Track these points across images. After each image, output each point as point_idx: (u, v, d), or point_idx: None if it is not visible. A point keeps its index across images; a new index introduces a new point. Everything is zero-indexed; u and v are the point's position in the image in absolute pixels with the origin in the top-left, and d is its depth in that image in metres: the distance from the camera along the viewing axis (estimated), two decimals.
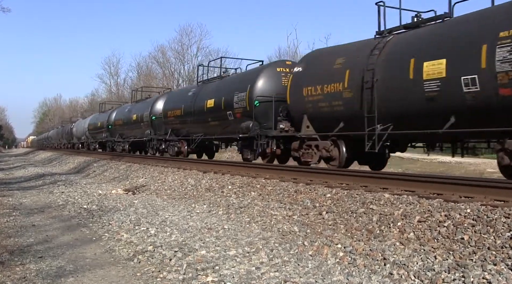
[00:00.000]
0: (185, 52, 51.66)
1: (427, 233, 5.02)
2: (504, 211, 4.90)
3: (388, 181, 7.51)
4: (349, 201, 6.68)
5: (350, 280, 4.31)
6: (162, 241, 6.05)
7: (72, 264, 5.23)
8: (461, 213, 5.14)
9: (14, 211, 9.09)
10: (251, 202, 8.13)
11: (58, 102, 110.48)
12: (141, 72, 59.02)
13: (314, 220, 6.49)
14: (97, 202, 10.10)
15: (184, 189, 10.86)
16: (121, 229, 7.01)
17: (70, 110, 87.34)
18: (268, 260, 5.03)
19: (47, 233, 7.04)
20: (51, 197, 11.41)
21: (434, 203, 5.67)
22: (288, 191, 8.03)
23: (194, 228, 6.81)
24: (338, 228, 5.97)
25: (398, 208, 5.83)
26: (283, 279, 4.38)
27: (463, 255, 4.39)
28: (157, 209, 8.75)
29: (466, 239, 4.64)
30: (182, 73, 50.91)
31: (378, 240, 5.25)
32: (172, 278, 4.53)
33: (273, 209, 7.36)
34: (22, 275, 4.74)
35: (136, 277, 4.69)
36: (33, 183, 15.78)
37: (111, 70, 69.78)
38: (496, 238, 4.47)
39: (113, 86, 68.79)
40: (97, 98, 72.09)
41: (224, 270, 4.67)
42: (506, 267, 3.99)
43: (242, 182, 9.66)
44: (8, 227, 7.43)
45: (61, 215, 8.72)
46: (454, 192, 6.19)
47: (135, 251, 5.65)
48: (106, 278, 4.70)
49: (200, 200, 9.39)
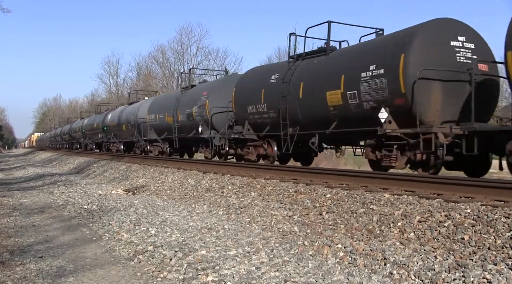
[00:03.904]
0: (185, 52, 51.66)
1: (427, 233, 5.03)
2: (504, 211, 4.90)
3: (388, 181, 7.52)
4: (349, 201, 6.68)
5: (350, 280, 4.32)
6: (162, 241, 6.06)
7: (72, 264, 5.23)
8: (461, 213, 5.14)
9: (14, 211, 9.09)
10: (251, 202, 8.13)
11: (58, 102, 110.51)
12: (141, 72, 58.98)
13: (314, 220, 6.50)
14: (97, 202, 10.10)
15: (184, 189, 10.87)
16: (121, 229, 7.01)
17: (70, 111, 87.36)
18: (268, 260, 5.04)
19: (47, 233, 7.05)
20: (51, 197, 11.42)
21: (434, 203, 5.67)
22: (288, 191, 8.03)
23: (194, 228, 6.81)
24: (338, 228, 5.97)
25: (398, 208, 5.84)
26: (284, 279, 4.39)
27: (464, 255, 4.39)
28: (157, 209, 8.75)
29: (466, 239, 4.64)
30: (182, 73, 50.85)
31: (378, 240, 5.25)
32: (173, 278, 4.54)
33: (273, 209, 7.37)
34: (23, 275, 4.74)
35: (136, 277, 4.69)
36: (33, 183, 15.78)
37: (110, 70, 69.72)
38: (496, 238, 4.48)
39: (113, 86, 68.75)
40: (97, 98, 72.12)
41: (225, 270, 4.67)
42: (506, 267, 3.99)
43: (242, 182, 9.67)
44: (9, 227, 7.43)
45: (61, 215, 8.72)
46: (454, 192, 6.19)
47: (135, 251, 5.66)
48: (106, 278, 4.71)
49: (200, 200, 9.39)
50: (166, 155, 20.19)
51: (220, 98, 15.36)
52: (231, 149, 14.88)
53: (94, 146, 33.88)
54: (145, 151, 22.37)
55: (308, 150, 12.24)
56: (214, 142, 15.01)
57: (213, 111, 15.48)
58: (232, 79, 16.33)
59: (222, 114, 15.16)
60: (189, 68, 18.21)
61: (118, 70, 77.76)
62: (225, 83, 16.18)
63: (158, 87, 47.47)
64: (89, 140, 35.28)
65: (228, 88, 15.02)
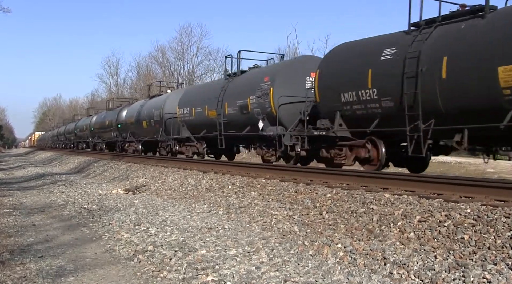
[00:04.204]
0: (185, 52, 51.67)
1: (427, 233, 5.02)
2: (504, 211, 4.90)
3: (388, 181, 7.51)
4: (349, 201, 6.68)
5: (350, 280, 4.31)
6: (162, 240, 6.06)
7: (72, 263, 5.23)
8: (461, 213, 5.14)
9: (15, 211, 9.10)
10: (252, 202, 8.13)
11: (58, 102, 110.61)
12: (141, 72, 59.03)
13: (315, 219, 6.49)
14: (97, 201, 10.10)
15: (185, 189, 10.86)
16: (122, 228, 7.01)
17: (70, 110, 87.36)
18: (268, 259, 5.04)
19: (47, 232, 7.05)
20: (51, 197, 11.42)
21: (434, 203, 5.67)
22: (289, 191, 8.03)
23: (194, 228, 6.81)
24: (338, 227, 5.97)
25: (398, 208, 5.84)
26: (283, 278, 4.39)
27: (463, 255, 4.39)
28: (157, 209, 8.75)
29: (466, 238, 4.64)
30: (182, 73, 50.91)
31: (378, 240, 5.25)
32: (172, 277, 4.54)
33: (274, 209, 7.37)
34: (23, 275, 4.74)
35: (136, 276, 4.69)
36: (34, 183, 15.78)
37: (111, 70, 69.76)
38: (496, 238, 4.48)
39: (113, 86, 68.79)
40: (97, 98, 72.14)
41: (224, 270, 4.67)
42: (506, 267, 3.99)
43: (242, 182, 9.66)
44: (9, 226, 7.44)
45: (61, 215, 8.72)
46: (454, 192, 6.19)
47: (135, 250, 5.66)
48: (106, 278, 4.71)
49: (200, 200, 9.39)
50: (202, 156, 17.06)
51: (288, 85, 12.16)
52: (303, 150, 11.57)
53: (105, 146, 30.00)
54: (173, 152, 18.65)
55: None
56: (284, 141, 11.74)
57: (281, 101, 11.97)
58: (303, 61, 13.22)
59: (289, 106, 12.00)
60: (238, 51, 15.37)
61: (118, 70, 77.94)
62: (293, 67, 12.85)
63: (158, 87, 47.39)
64: (98, 140, 31.14)
65: (298, 74, 12.31)
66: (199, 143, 16.97)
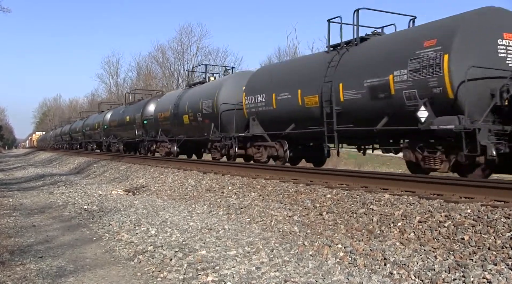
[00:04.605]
0: (185, 52, 51.72)
1: (427, 233, 5.03)
2: (504, 211, 4.90)
3: (388, 181, 7.52)
4: (349, 201, 6.68)
5: (350, 280, 4.32)
6: (162, 241, 6.06)
7: (73, 264, 5.24)
8: (461, 213, 5.15)
9: (15, 212, 9.10)
10: (252, 202, 8.13)
11: (58, 102, 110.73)
12: (141, 72, 59.09)
13: (315, 220, 6.50)
14: (97, 202, 10.10)
15: (185, 189, 10.87)
16: (122, 229, 7.01)
17: (70, 110, 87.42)
18: (268, 260, 5.04)
19: (47, 233, 7.05)
20: (51, 198, 11.42)
21: (435, 203, 5.67)
22: (289, 192, 8.04)
23: (194, 228, 6.81)
24: (338, 228, 5.97)
25: (399, 208, 5.84)
26: (284, 279, 4.39)
27: (464, 255, 4.40)
28: (157, 210, 8.75)
29: (466, 239, 4.64)
30: (182, 73, 50.94)
31: (378, 240, 5.25)
32: (173, 278, 4.54)
33: (274, 210, 7.37)
34: (23, 275, 4.74)
35: (136, 277, 4.69)
36: (33, 184, 15.78)
37: (110, 70, 69.87)
38: (497, 238, 4.48)
39: (113, 86, 68.89)
40: (97, 98, 72.15)
41: (225, 270, 4.67)
42: (506, 267, 4.00)
43: (242, 182, 9.67)
44: (9, 227, 7.44)
45: (61, 216, 8.72)
46: (454, 193, 6.19)
47: (135, 251, 5.66)
48: (106, 278, 4.71)
49: (200, 201, 9.40)
50: (283, 162, 12.76)
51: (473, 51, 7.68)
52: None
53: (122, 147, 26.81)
54: (233, 155, 15.35)
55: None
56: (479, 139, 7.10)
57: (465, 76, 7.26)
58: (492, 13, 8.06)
59: (476, 84, 7.56)
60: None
61: (118, 70, 78.06)
62: (479, 23, 7.81)
63: (158, 87, 47.49)
64: (114, 140, 27.99)
65: (485, 34, 7.77)
66: (278, 143, 12.45)
